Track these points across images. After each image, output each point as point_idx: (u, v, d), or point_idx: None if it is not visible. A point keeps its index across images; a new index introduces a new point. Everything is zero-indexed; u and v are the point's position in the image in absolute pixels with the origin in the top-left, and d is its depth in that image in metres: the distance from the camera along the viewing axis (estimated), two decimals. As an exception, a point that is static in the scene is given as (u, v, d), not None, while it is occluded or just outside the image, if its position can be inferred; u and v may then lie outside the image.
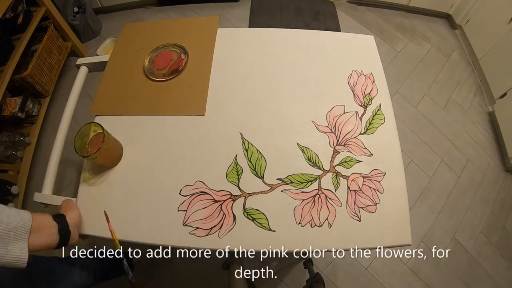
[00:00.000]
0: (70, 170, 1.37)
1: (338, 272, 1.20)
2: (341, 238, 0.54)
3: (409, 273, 1.22)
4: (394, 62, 1.76)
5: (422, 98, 1.64)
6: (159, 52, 0.75)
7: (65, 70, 1.64)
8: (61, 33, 1.56)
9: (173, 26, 0.82)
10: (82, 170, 0.61)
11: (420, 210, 1.35)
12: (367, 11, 1.98)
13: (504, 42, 1.50)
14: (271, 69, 0.73)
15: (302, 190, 0.58)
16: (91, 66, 0.79)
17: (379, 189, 0.58)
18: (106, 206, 0.57)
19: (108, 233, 0.53)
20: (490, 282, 1.23)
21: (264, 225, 0.55)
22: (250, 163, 0.60)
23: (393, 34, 1.88)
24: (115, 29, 1.83)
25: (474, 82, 1.73)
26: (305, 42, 0.78)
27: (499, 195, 1.41)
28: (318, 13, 1.17)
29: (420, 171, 1.44)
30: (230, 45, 0.77)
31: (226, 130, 0.64)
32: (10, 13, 1.29)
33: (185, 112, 0.66)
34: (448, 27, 1.95)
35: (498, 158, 1.50)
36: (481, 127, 1.59)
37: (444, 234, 1.30)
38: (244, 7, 1.94)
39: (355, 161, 0.61)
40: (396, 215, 0.56)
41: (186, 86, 0.70)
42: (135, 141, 0.63)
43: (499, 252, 1.29)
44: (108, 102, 0.69)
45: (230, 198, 0.57)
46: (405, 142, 1.50)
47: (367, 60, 0.75)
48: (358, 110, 0.67)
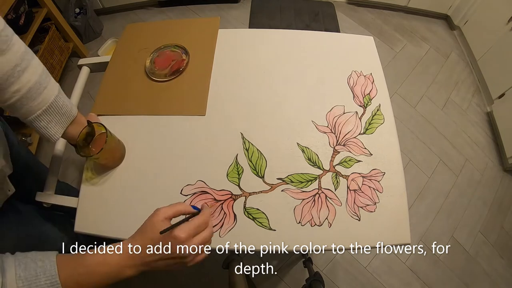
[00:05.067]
0: (72, 169, 1.38)
1: (337, 271, 1.21)
2: (341, 237, 0.55)
3: (408, 272, 1.22)
4: (393, 63, 1.77)
5: (421, 98, 1.65)
6: (161, 53, 0.76)
7: (66, 71, 1.65)
8: (62, 34, 1.57)
9: (175, 27, 0.83)
10: (84, 170, 0.61)
11: (419, 209, 1.35)
12: (366, 12, 1.99)
13: (502, 42, 1.51)
14: (271, 69, 0.74)
15: (302, 189, 0.58)
16: (92, 66, 0.79)
17: (379, 189, 0.59)
18: (108, 205, 0.58)
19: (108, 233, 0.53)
20: (488, 281, 1.24)
21: (264, 224, 0.55)
22: (251, 163, 0.61)
23: (392, 35, 1.89)
24: (116, 30, 1.84)
25: (473, 82, 1.74)
26: (305, 43, 0.79)
27: (497, 195, 1.42)
28: (317, 14, 1.18)
29: (419, 171, 1.45)
30: (231, 46, 0.78)
31: (226, 130, 0.65)
32: (12, 14, 1.29)
33: (186, 112, 0.67)
34: (447, 28, 1.96)
35: (496, 158, 1.51)
36: (479, 127, 1.60)
37: (442, 233, 1.31)
38: (244, 8, 1.94)
39: (354, 161, 0.62)
40: (395, 215, 0.57)
41: (187, 87, 0.71)
42: (136, 141, 0.64)
43: (497, 251, 1.30)
44: (109, 102, 0.70)
45: (231, 198, 0.58)
46: (404, 142, 1.51)
47: (367, 60, 0.76)
48: (357, 110, 0.68)
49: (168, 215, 0.40)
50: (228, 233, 0.55)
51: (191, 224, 0.40)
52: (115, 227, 0.56)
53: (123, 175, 0.61)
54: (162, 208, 0.41)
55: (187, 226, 0.39)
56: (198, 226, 0.40)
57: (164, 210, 0.40)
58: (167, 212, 0.40)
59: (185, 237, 0.38)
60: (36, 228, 0.65)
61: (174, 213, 0.41)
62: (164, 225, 0.39)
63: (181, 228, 0.38)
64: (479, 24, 1.70)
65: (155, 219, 0.40)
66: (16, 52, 0.43)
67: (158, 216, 0.40)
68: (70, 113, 0.51)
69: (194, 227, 0.40)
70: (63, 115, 0.50)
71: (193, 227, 0.39)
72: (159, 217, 0.39)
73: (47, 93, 0.47)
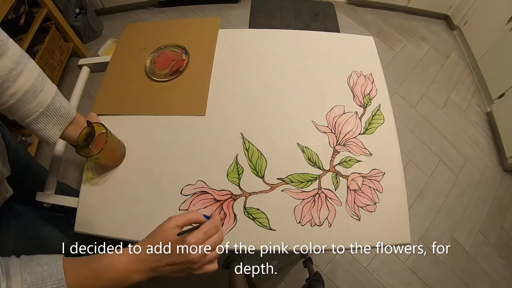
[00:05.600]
0: (72, 169, 1.38)
1: (337, 271, 1.21)
2: (341, 237, 0.55)
3: (408, 272, 1.22)
4: (393, 63, 1.77)
5: (421, 98, 1.66)
6: (161, 53, 0.76)
7: (66, 71, 1.65)
8: (62, 34, 1.57)
9: (175, 27, 0.83)
10: (84, 170, 0.61)
11: (419, 209, 1.36)
12: (366, 12, 1.99)
13: (502, 42, 1.51)
14: (271, 69, 0.74)
15: (302, 189, 0.59)
16: (93, 66, 0.79)
17: (379, 189, 0.59)
18: (108, 205, 0.58)
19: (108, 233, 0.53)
20: (488, 281, 1.24)
21: (264, 224, 0.55)
22: (251, 163, 0.61)
23: (392, 35, 1.89)
24: (116, 30, 1.84)
25: (472, 82, 1.74)
26: (305, 43, 0.79)
27: (497, 195, 1.42)
28: (317, 14, 1.18)
29: (419, 171, 1.45)
30: (231, 46, 0.78)
31: (227, 130, 0.65)
32: (12, 14, 1.29)
33: (186, 112, 0.67)
34: (447, 28, 1.96)
35: (496, 158, 1.51)
36: (479, 127, 1.60)
37: (442, 233, 1.31)
38: (244, 8, 1.95)
39: (354, 161, 0.62)
40: (395, 215, 0.57)
41: (187, 87, 0.71)
42: (136, 141, 0.64)
43: (497, 251, 1.30)
44: (109, 102, 0.70)
45: (231, 198, 0.58)
46: (404, 142, 1.51)
47: (367, 60, 0.76)
48: (357, 110, 0.68)
49: (179, 223, 0.40)
50: (228, 233, 0.55)
51: (200, 230, 0.40)
52: (115, 227, 0.56)
53: (123, 175, 0.61)
54: (174, 216, 0.41)
55: (197, 232, 0.40)
56: (207, 231, 0.40)
57: (176, 218, 0.41)
58: (179, 220, 0.41)
59: (194, 242, 0.38)
60: (36, 229, 0.65)
61: (185, 222, 0.41)
62: (174, 232, 0.39)
63: (191, 233, 0.39)
64: (479, 24, 1.70)
65: (166, 226, 0.40)
66: (12, 56, 0.43)
67: (170, 224, 0.40)
68: (68, 114, 0.51)
69: (203, 232, 0.40)
70: (61, 117, 0.50)
71: (202, 233, 0.40)
72: (171, 225, 0.40)
73: (43, 96, 0.47)
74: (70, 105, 0.53)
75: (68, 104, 0.52)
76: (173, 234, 0.38)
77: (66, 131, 0.52)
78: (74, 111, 0.53)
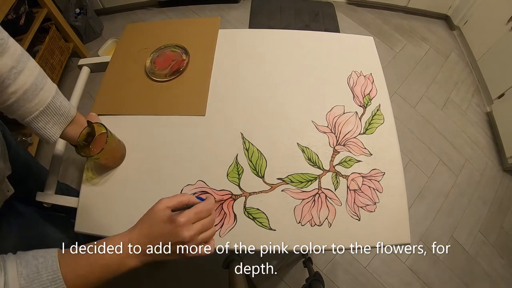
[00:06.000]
0: (72, 169, 1.38)
1: (337, 271, 1.21)
2: (341, 237, 0.55)
3: (408, 272, 1.23)
4: (393, 63, 1.77)
5: (421, 98, 1.66)
6: (161, 53, 0.76)
7: (66, 71, 1.65)
8: (63, 34, 1.57)
9: (175, 27, 0.83)
10: (85, 170, 0.61)
11: (419, 209, 1.36)
12: (366, 12, 2.00)
13: (502, 43, 1.51)
14: (271, 69, 0.74)
15: (302, 189, 0.59)
16: (93, 66, 0.79)
17: (379, 189, 0.59)
18: (108, 205, 0.58)
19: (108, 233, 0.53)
20: (488, 281, 1.24)
21: (264, 224, 0.55)
22: (251, 163, 0.61)
23: (392, 35, 1.89)
24: (117, 30, 1.84)
25: (472, 82, 1.74)
26: (305, 43, 0.79)
27: (497, 195, 1.42)
28: (317, 14, 1.19)
29: (419, 171, 1.45)
30: (231, 46, 0.78)
31: (227, 130, 0.65)
32: (12, 14, 1.30)
33: (186, 112, 0.67)
34: (447, 28, 1.96)
35: (496, 158, 1.51)
36: (479, 127, 1.60)
37: (442, 233, 1.31)
38: (244, 8, 1.95)
39: (354, 161, 0.62)
40: (395, 215, 0.57)
41: (187, 87, 0.71)
42: (136, 141, 0.64)
43: (497, 251, 1.30)
44: (109, 102, 0.70)
45: (231, 198, 0.58)
46: (404, 142, 1.51)
47: (367, 60, 0.76)
48: (357, 110, 0.68)
49: (170, 205, 0.40)
50: (228, 233, 0.55)
51: (192, 210, 0.40)
52: (115, 227, 0.56)
53: (123, 175, 0.61)
54: (165, 198, 0.41)
55: (188, 211, 0.40)
56: (198, 212, 0.40)
57: (167, 199, 0.41)
58: (170, 201, 0.41)
59: (184, 221, 0.38)
60: (36, 229, 0.65)
61: (176, 203, 0.41)
62: (165, 213, 0.39)
63: (182, 212, 0.39)
64: (479, 24, 1.71)
65: (156, 207, 0.40)
66: (12, 55, 0.43)
67: (161, 205, 0.40)
68: (68, 113, 0.52)
69: (194, 212, 0.40)
70: (61, 116, 0.50)
71: (193, 213, 0.40)
72: (162, 206, 0.40)
73: (43, 95, 0.47)
74: (71, 104, 0.53)
75: (69, 103, 0.52)
76: (164, 215, 0.39)
77: (66, 131, 0.53)
78: (75, 110, 0.54)
